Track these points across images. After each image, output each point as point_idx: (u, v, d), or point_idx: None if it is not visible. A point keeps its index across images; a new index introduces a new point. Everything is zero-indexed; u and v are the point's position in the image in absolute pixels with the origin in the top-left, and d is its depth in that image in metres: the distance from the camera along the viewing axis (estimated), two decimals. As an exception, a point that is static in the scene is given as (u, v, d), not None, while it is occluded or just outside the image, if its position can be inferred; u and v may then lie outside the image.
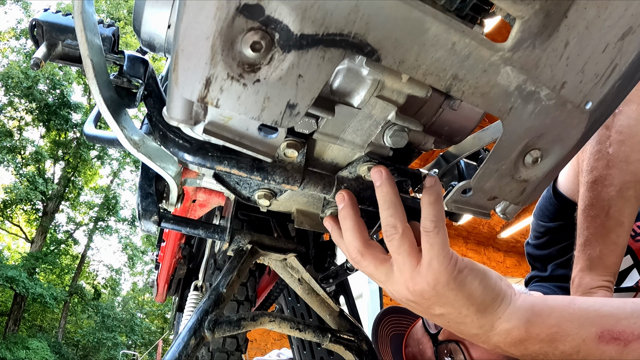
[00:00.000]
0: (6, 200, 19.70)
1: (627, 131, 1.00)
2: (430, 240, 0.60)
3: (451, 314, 0.63)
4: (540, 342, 0.62)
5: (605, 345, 0.61)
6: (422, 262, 0.61)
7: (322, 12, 0.41)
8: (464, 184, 0.65)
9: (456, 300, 0.61)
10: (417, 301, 0.64)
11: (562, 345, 0.62)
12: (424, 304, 0.63)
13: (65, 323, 21.89)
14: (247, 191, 0.75)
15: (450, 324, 0.65)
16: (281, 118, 0.48)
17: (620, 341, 0.61)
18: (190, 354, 0.70)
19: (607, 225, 0.98)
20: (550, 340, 0.62)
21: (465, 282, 0.61)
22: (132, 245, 24.98)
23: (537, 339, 0.62)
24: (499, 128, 0.70)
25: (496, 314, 0.63)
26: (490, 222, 9.17)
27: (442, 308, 0.63)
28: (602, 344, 0.61)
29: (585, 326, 0.62)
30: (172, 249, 1.54)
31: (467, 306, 0.62)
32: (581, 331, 0.62)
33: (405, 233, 0.62)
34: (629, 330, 0.61)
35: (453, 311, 0.63)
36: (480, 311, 0.62)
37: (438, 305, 0.63)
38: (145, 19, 0.57)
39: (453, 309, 0.62)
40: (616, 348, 0.60)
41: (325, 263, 1.03)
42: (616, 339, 0.61)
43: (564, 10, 0.45)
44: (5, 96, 18.41)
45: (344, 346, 0.87)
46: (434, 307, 0.63)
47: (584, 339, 0.61)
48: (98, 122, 0.92)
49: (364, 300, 5.48)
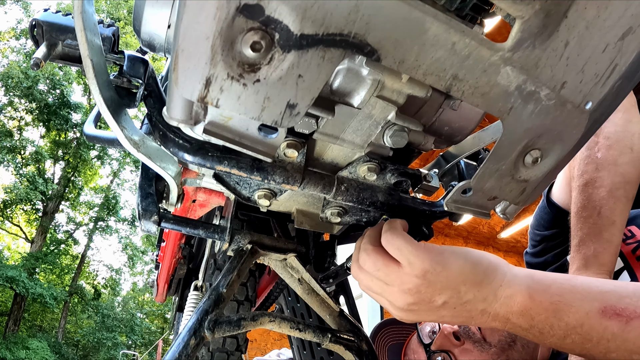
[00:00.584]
0: (6, 200, 19.70)
1: (614, 137, 1.03)
2: (395, 245, 0.65)
3: (452, 297, 0.64)
4: (545, 311, 0.63)
5: (608, 321, 0.61)
6: (402, 264, 0.64)
7: (322, 12, 0.41)
8: (464, 184, 0.65)
9: (449, 280, 0.63)
10: (417, 300, 0.65)
11: (567, 317, 0.62)
12: (425, 298, 0.65)
13: (65, 323, 21.89)
14: (247, 191, 0.75)
15: (457, 310, 0.66)
16: (281, 118, 0.48)
17: (622, 317, 0.61)
18: (190, 354, 0.70)
19: (599, 224, 0.99)
20: (555, 310, 0.63)
21: (449, 262, 0.64)
22: (132, 245, 24.97)
23: (541, 306, 0.63)
24: (499, 128, 0.70)
25: (495, 283, 0.65)
26: (490, 222, 9.17)
27: (442, 295, 0.64)
28: (605, 318, 0.61)
29: (588, 299, 0.63)
30: (172, 249, 1.54)
31: (463, 282, 0.64)
32: (584, 304, 0.63)
33: (373, 250, 0.67)
34: (631, 308, 0.61)
35: (453, 293, 0.64)
36: (477, 284, 0.64)
37: (437, 294, 0.64)
38: (145, 19, 0.57)
39: (452, 291, 0.64)
40: (618, 324, 0.61)
41: (325, 263, 1.03)
42: (619, 315, 0.61)
43: (564, 10, 0.45)
44: (5, 96, 18.41)
45: (344, 346, 0.87)
46: (435, 299, 0.65)
47: (587, 312, 0.62)
48: (98, 122, 0.92)
49: (364, 300, 5.48)
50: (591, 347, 0.62)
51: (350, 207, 0.77)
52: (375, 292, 0.70)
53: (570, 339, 0.63)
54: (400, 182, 0.74)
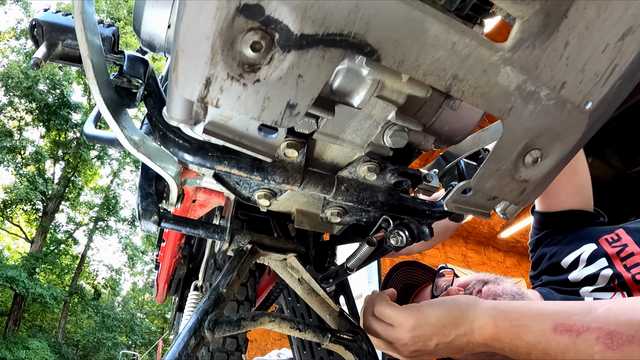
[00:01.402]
0: (6, 200, 19.69)
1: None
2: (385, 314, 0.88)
3: (440, 339, 0.81)
4: (509, 334, 0.77)
5: (560, 336, 0.72)
6: (395, 326, 0.85)
7: (322, 12, 0.41)
8: (464, 184, 0.65)
9: (434, 328, 0.81)
10: (415, 348, 0.83)
11: (526, 337, 0.75)
12: (420, 346, 0.82)
13: (65, 323, 21.88)
14: (247, 191, 0.74)
15: (448, 348, 0.82)
16: (281, 118, 0.48)
17: (572, 332, 0.72)
18: (190, 354, 0.69)
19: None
20: (516, 333, 0.76)
21: (428, 314, 0.82)
22: (132, 245, 24.95)
23: (505, 331, 0.77)
24: (499, 128, 0.70)
25: (469, 320, 0.81)
26: (490, 222, 9.16)
27: (432, 340, 0.81)
28: (557, 334, 0.73)
29: (541, 320, 0.76)
30: (172, 249, 1.54)
31: (444, 326, 0.81)
32: (539, 324, 0.75)
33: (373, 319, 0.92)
34: (579, 323, 0.72)
35: (440, 337, 0.81)
36: (455, 325, 0.81)
37: (428, 340, 0.81)
38: (145, 19, 0.57)
39: (438, 335, 0.81)
40: (569, 338, 0.72)
41: (325, 263, 1.03)
42: (569, 331, 0.72)
43: (564, 10, 0.45)
44: (5, 96, 18.39)
45: (344, 346, 0.87)
46: (428, 344, 0.82)
47: (542, 330, 0.74)
48: (98, 122, 0.92)
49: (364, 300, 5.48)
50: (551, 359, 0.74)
51: (350, 207, 0.77)
52: (384, 348, 0.90)
53: (533, 354, 0.75)
54: (400, 182, 0.74)
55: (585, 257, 1.19)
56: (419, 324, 0.81)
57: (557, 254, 1.27)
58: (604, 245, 1.18)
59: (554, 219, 1.37)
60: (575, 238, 1.28)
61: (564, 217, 1.35)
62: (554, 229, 1.39)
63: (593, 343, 0.69)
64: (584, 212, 1.34)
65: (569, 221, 1.34)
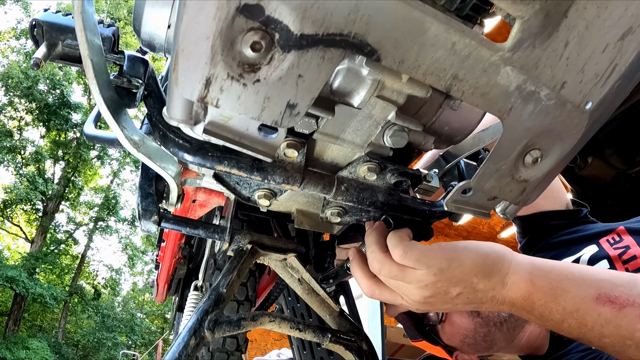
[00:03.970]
0: (6, 200, 19.69)
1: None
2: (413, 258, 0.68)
3: (466, 288, 0.69)
4: (545, 295, 0.67)
5: (602, 307, 0.65)
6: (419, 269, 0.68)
7: (322, 12, 0.41)
8: (464, 184, 0.65)
9: (464, 274, 0.68)
10: (433, 293, 0.69)
11: (564, 302, 0.66)
12: (441, 291, 0.69)
13: (65, 323, 21.88)
14: (247, 191, 0.74)
15: (470, 299, 0.70)
16: (281, 118, 0.48)
17: (615, 305, 0.64)
18: (190, 354, 0.70)
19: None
20: (553, 295, 0.67)
21: (463, 257, 0.68)
22: (132, 245, 24.96)
23: (542, 291, 0.67)
24: (499, 128, 0.70)
25: (502, 272, 0.69)
26: (490, 222, 9.17)
27: (457, 287, 0.68)
28: (599, 305, 0.65)
29: (583, 286, 0.67)
30: (172, 249, 1.54)
31: (476, 274, 0.68)
32: (580, 290, 0.67)
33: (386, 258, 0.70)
34: (624, 296, 0.65)
35: (466, 285, 0.68)
36: (487, 275, 0.69)
37: (452, 287, 0.68)
38: (145, 19, 0.57)
39: (465, 283, 0.68)
40: (612, 311, 0.64)
41: (325, 263, 1.03)
42: (612, 302, 0.65)
43: (564, 10, 0.45)
44: (5, 96, 18.40)
45: (344, 346, 0.87)
46: (450, 291, 0.69)
47: (583, 297, 0.66)
48: (98, 122, 0.92)
49: (364, 300, 5.48)
50: (586, 331, 0.66)
51: (350, 207, 0.77)
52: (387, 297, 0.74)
53: (567, 323, 0.67)
54: (400, 182, 0.74)
55: (586, 259, 1.19)
56: (450, 266, 0.67)
57: (556, 256, 1.26)
58: (604, 247, 1.18)
59: (532, 222, 1.38)
60: (573, 240, 1.28)
61: (541, 218, 1.36)
62: (532, 234, 1.39)
63: (636, 320, 0.63)
64: (562, 211, 1.35)
65: (548, 222, 1.35)
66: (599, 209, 2.28)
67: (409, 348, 4.29)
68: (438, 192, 0.81)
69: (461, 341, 1.22)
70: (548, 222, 1.35)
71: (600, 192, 2.34)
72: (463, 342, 1.22)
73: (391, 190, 0.74)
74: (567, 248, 1.26)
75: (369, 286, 0.75)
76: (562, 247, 1.28)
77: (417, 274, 0.67)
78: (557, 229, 1.34)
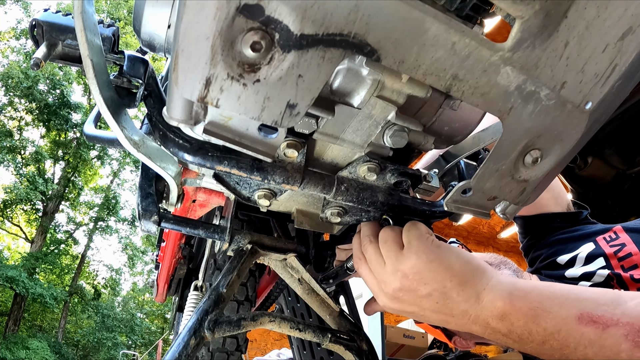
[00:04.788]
0: (6, 200, 19.69)
1: None
2: (407, 229, 0.69)
3: (436, 290, 0.66)
4: (524, 316, 0.64)
5: (585, 327, 0.62)
6: (404, 246, 0.69)
7: (322, 12, 0.41)
8: (464, 184, 0.65)
9: (438, 272, 0.66)
10: (404, 285, 0.68)
11: (544, 322, 0.63)
12: (411, 286, 0.67)
13: (65, 323, 21.87)
14: (247, 191, 0.74)
15: (439, 305, 0.68)
16: (281, 118, 0.48)
17: (599, 325, 0.61)
18: (190, 354, 0.70)
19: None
20: (533, 316, 0.64)
21: (443, 255, 0.67)
22: (132, 245, 24.96)
23: (521, 312, 0.64)
24: (499, 128, 0.70)
25: (479, 285, 0.66)
26: (490, 222, 9.17)
27: (428, 286, 0.66)
28: (582, 325, 0.62)
29: (565, 306, 0.64)
30: (172, 249, 1.54)
31: (450, 278, 0.66)
32: (561, 310, 0.64)
33: (383, 231, 0.72)
34: (608, 315, 0.62)
35: (438, 286, 0.66)
36: (462, 283, 0.66)
37: (423, 284, 0.67)
38: (145, 19, 0.57)
39: (437, 284, 0.66)
40: (595, 331, 0.61)
41: (325, 263, 1.03)
42: (595, 322, 0.62)
43: (564, 10, 0.45)
44: (5, 96, 18.40)
45: (344, 346, 0.87)
46: (420, 288, 0.67)
47: (565, 317, 0.63)
48: (98, 122, 0.92)
49: (364, 300, 5.49)
50: (569, 353, 0.63)
51: (350, 207, 0.77)
52: (369, 273, 0.74)
53: (548, 344, 0.64)
54: (400, 182, 0.74)
55: (583, 257, 1.19)
56: (429, 259, 0.66)
57: (554, 253, 1.28)
58: (601, 244, 1.18)
59: (533, 223, 1.39)
60: (571, 238, 1.28)
61: (543, 220, 1.37)
62: (533, 234, 1.40)
63: (621, 340, 0.60)
64: (563, 214, 1.36)
65: (550, 225, 1.36)
66: (599, 209, 2.29)
67: (409, 348, 4.29)
68: (438, 192, 0.81)
69: None
70: (550, 225, 1.36)
71: (600, 192, 2.34)
72: None
73: (391, 190, 0.74)
74: (565, 246, 1.27)
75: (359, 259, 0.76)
76: (560, 245, 1.29)
77: (399, 254, 0.68)
78: (557, 230, 1.35)
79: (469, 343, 1.31)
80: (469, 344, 1.31)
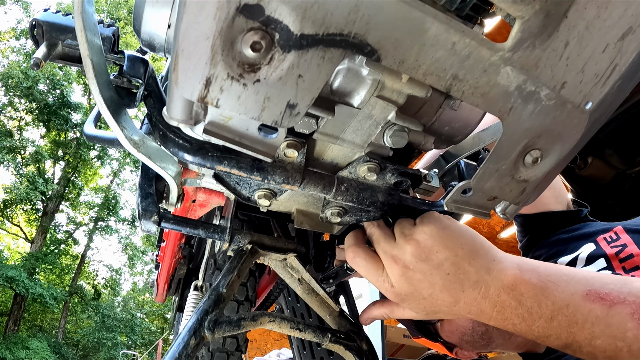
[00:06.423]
0: (6, 200, 19.69)
1: None
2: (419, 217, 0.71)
3: (448, 259, 0.66)
4: (534, 287, 0.64)
5: (592, 304, 0.62)
6: (417, 221, 0.70)
7: (322, 12, 0.41)
8: (464, 184, 0.65)
9: (450, 240, 0.67)
10: (416, 253, 0.67)
11: (553, 296, 0.63)
12: (423, 254, 0.67)
13: (65, 323, 21.89)
14: (247, 191, 0.74)
15: (450, 277, 0.66)
16: (281, 118, 0.48)
17: (606, 301, 0.62)
18: (190, 354, 0.70)
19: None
20: (543, 288, 0.64)
21: (454, 225, 0.69)
22: (132, 245, 24.98)
23: (530, 283, 0.64)
24: (499, 128, 0.70)
25: (489, 256, 0.67)
26: (490, 222, 9.17)
27: (440, 253, 0.66)
28: (589, 301, 0.62)
29: (572, 283, 0.65)
30: (172, 249, 1.54)
31: (461, 246, 0.67)
32: (569, 286, 0.64)
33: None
34: (614, 293, 0.62)
35: (450, 254, 0.66)
36: (473, 252, 0.67)
37: (435, 252, 0.67)
38: (145, 19, 0.57)
39: (449, 251, 0.66)
40: (602, 308, 0.62)
41: (325, 263, 1.03)
42: (602, 299, 0.62)
43: (564, 10, 0.45)
44: (5, 96, 18.41)
45: (344, 346, 0.87)
46: (432, 257, 0.67)
47: (572, 293, 0.63)
48: (98, 122, 0.92)
49: (364, 300, 5.48)
50: (577, 331, 0.63)
51: (350, 207, 0.77)
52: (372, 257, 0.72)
53: (557, 320, 0.63)
54: (400, 182, 0.74)
55: (584, 257, 1.19)
56: (442, 229, 0.67)
57: (555, 254, 1.27)
58: (602, 245, 1.18)
59: (533, 222, 1.39)
60: (572, 238, 1.28)
61: (543, 218, 1.37)
62: (533, 233, 1.40)
63: (627, 318, 0.60)
64: (564, 212, 1.36)
65: (550, 223, 1.36)
66: (599, 209, 2.29)
67: (409, 348, 4.29)
68: (438, 192, 0.81)
69: (460, 338, 1.24)
70: (550, 223, 1.36)
71: (600, 192, 2.34)
72: (461, 339, 1.24)
73: (391, 190, 0.74)
74: (566, 246, 1.27)
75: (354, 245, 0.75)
76: (560, 245, 1.29)
77: (419, 227, 0.69)
78: (557, 228, 1.34)
79: (471, 354, 1.31)
80: (470, 355, 1.31)
